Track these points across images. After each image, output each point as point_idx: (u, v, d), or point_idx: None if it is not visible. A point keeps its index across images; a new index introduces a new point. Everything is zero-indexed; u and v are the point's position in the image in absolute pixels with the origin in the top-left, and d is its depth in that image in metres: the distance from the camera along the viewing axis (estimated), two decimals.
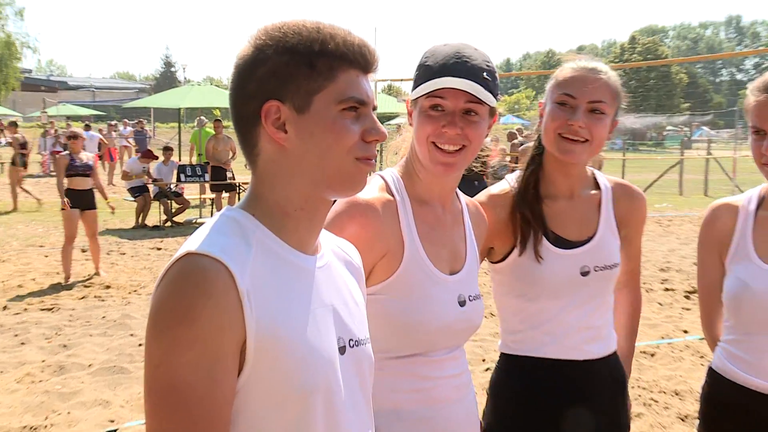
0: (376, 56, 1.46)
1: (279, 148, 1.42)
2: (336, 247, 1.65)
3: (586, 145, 2.26)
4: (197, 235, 1.37)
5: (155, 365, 1.27)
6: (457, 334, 2.04)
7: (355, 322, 1.55)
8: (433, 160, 1.96)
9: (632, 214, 2.49)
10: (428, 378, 1.99)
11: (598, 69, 2.31)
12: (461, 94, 1.91)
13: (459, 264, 2.08)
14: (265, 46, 1.40)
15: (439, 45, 2.03)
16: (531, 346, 2.38)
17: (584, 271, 2.35)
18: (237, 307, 1.28)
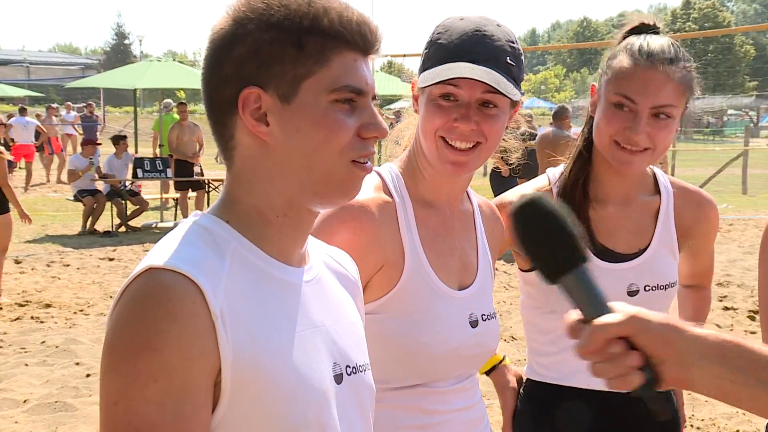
0: (378, 35, 1.46)
1: (260, 142, 1.41)
2: (327, 257, 1.65)
3: (647, 154, 2.27)
4: (160, 246, 1.36)
5: (113, 402, 1.26)
6: (467, 361, 2.05)
7: (352, 345, 1.55)
8: (442, 157, 1.96)
9: (699, 226, 2.50)
10: (434, 412, 2.01)
11: (665, 57, 2.26)
12: (478, 84, 1.91)
13: (470, 277, 2.09)
14: (245, 19, 1.39)
15: (455, 18, 2.02)
16: (562, 373, 2.40)
17: (632, 290, 2.36)
18: (209, 330, 1.27)
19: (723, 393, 1.37)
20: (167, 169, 16.11)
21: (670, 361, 1.35)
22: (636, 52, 2.28)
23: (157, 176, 16.17)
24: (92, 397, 6.43)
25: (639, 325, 1.36)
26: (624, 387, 1.36)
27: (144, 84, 20.74)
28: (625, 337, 1.35)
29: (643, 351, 1.35)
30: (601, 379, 2.32)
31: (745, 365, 1.34)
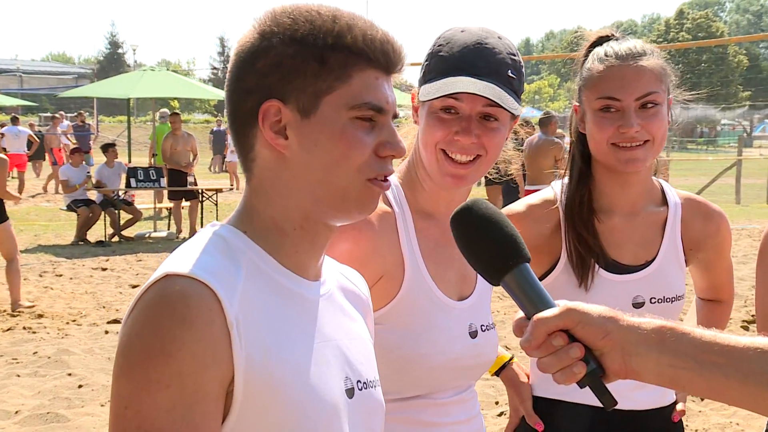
0: (401, 54, 1.47)
1: (278, 155, 1.42)
2: (340, 275, 1.65)
3: (648, 147, 2.29)
4: (178, 254, 1.37)
5: (123, 407, 1.26)
6: (466, 372, 2.05)
7: (362, 361, 1.55)
8: (442, 170, 1.96)
9: (709, 239, 2.50)
10: (434, 425, 2.00)
11: (634, 53, 2.31)
12: (480, 97, 1.91)
13: (469, 288, 2.09)
14: (270, 33, 1.41)
15: (456, 30, 2.02)
16: (566, 388, 2.38)
17: (637, 302, 2.36)
18: (224, 339, 1.28)
19: (666, 379, 1.39)
20: (161, 179, 16.13)
21: (611, 352, 1.38)
22: (604, 56, 2.32)
23: (150, 186, 16.19)
24: (84, 408, 6.42)
25: (578, 317, 1.38)
26: (569, 380, 1.38)
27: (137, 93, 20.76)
28: (566, 330, 1.38)
29: (584, 343, 1.38)
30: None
31: (683, 349, 1.37)
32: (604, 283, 2.35)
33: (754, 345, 1.35)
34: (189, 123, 51.68)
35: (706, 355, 1.35)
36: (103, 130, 45.40)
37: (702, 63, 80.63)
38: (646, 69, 2.29)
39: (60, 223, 16.51)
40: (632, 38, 2.41)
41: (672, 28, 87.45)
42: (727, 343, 1.35)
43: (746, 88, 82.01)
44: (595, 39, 2.44)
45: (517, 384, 2.47)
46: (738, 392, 1.35)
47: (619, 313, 1.41)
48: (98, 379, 7.09)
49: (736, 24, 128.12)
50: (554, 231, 2.40)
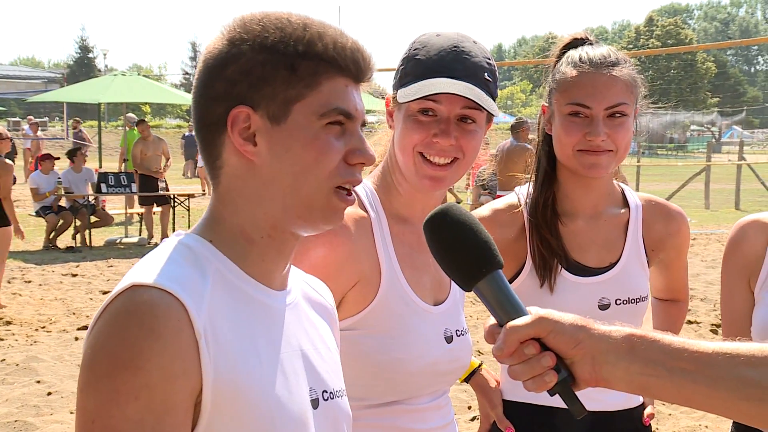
0: (371, 63, 1.47)
1: (246, 162, 1.42)
2: (305, 284, 1.65)
3: (612, 155, 2.31)
4: (143, 263, 1.35)
5: (90, 420, 1.24)
6: (442, 377, 2.06)
7: (328, 370, 1.55)
8: (420, 173, 1.96)
9: (669, 239, 2.53)
10: (411, 431, 2.01)
11: (608, 62, 2.32)
12: (458, 99, 1.92)
13: (444, 293, 2.09)
14: (239, 40, 1.41)
15: (431, 35, 2.03)
16: (536, 393, 2.40)
17: (603, 304, 2.38)
18: (192, 349, 1.27)
19: (637, 386, 1.40)
20: (132, 184, 16.03)
21: (582, 361, 1.39)
22: (578, 62, 2.34)
23: (121, 191, 16.10)
24: (53, 416, 6.37)
25: (549, 326, 1.40)
26: (540, 388, 1.40)
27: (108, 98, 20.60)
28: (537, 339, 1.39)
29: (555, 351, 1.39)
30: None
31: (653, 356, 1.38)
32: (570, 285, 2.36)
33: (722, 350, 1.36)
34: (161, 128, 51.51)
35: (675, 362, 1.36)
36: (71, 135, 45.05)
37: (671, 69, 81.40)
38: (618, 79, 2.30)
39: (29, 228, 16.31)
40: (605, 45, 2.42)
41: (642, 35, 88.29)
42: (696, 349, 1.36)
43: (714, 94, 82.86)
44: (569, 41, 2.46)
45: (487, 390, 2.48)
46: (707, 397, 1.36)
47: (590, 322, 1.43)
48: (68, 386, 7.03)
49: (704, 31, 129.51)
50: (519, 235, 2.41)
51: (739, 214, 17.13)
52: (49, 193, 15.24)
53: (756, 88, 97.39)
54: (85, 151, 19.00)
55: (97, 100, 20.73)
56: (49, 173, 15.63)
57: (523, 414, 2.41)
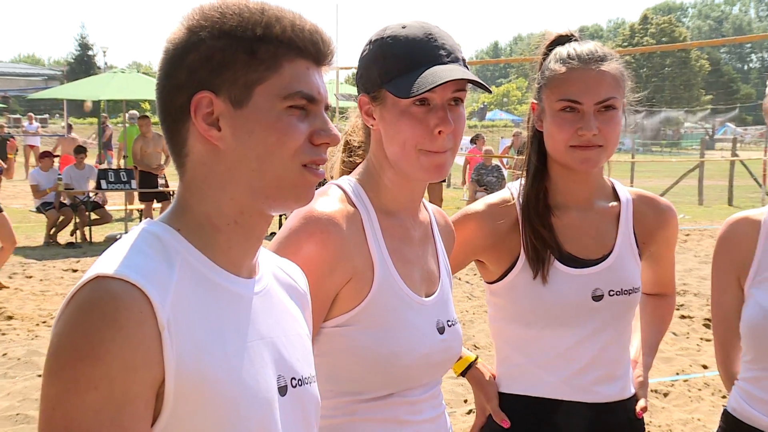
0: (330, 46, 1.47)
1: (211, 148, 1.41)
2: (277, 268, 1.64)
3: (602, 150, 2.31)
4: (110, 254, 1.34)
5: (51, 408, 1.24)
6: (435, 367, 2.06)
7: (299, 358, 1.54)
8: (424, 166, 1.94)
9: (659, 231, 2.53)
10: (406, 423, 2.00)
11: (596, 57, 2.33)
12: (449, 84, 1.89)
13: (433, 285, 2.09)
14: (198, 27, 1.40)
15: (396, 28, 1.97)
16: (531, 384, 2.42)
17: (596, 295, 2.38)
18: (154, 341, 1.26)
19: None
20: (132, 181, 15.99)
21: None
22: (567, 58, 2.34)
23: (121, 188, 16.05)
24: None
25: None
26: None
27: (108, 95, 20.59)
28: None
29: None
30: (571, 388, 2.34)
31: None
32: (564, 277, 2.37)
33: None
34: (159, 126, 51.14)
35: None
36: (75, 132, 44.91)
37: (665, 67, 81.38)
38: (607, 74, 2.31)
39: (30, 224, 16.34)
40: (592, 41, 2.43)
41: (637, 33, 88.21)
42: None
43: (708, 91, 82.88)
44: (555, 38, 2.46)
45: (482, 383, 2.49)
46: None
47: None
48: None
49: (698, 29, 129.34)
50: (512, 228, 2.41)
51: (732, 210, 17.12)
52: (49, 189, 15.22)
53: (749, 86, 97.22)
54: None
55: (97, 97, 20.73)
56: (48, 170, 15.60)
57: (519, 406, 2.42)
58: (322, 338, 1.94)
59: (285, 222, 1.95)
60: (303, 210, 1.91)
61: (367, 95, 2.00)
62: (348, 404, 1.97)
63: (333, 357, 1.94)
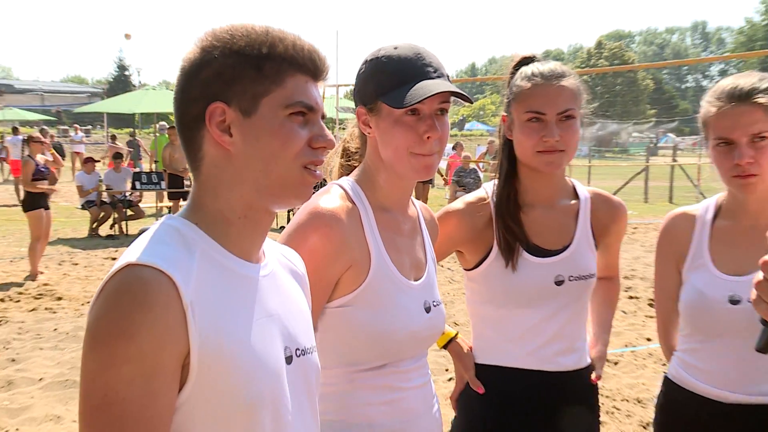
0: (326, 63, 1.46)
1: (223, 152, 1.40)
2: (280, 255, 1.64)
3: (565, 153, 2.32)
4: (137, 245, 1.34)
5: (91, 379, 1.24)
6: (423, 341, 2.05)
7: (301, 331, 1.54)
8: (415, 167, 1.95)
9: (612, 225, 2.54)
10: (398, 389, 2.00)
11: (556, 74, 2.33)
12: (436, 96, 1.89)
13: (421, 271, 2.09)
14: (211, 47, 1.39)
15: (389, 49, 1.97)
16: (502, 355, 2.42)
17: (559, 281, 2.38)
18: (180, 320, 1.26)
19: None
20: (161, 182, 15.96)
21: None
22: (531, 75, 2.34)
23: (152, 188, 16.03)
24: None
25: None
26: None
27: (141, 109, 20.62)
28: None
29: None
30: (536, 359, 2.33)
31: None
32: (530, 265, 2.37)
33: None
34: None
35: None
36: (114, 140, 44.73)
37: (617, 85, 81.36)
38: (566, 88, 2.31)
39: (76, 219, 16.29)
40: (552, 60, 2.43)
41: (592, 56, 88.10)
42: None
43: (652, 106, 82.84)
44: (521, 59, 2.46)
45: (461, 355, 2.49)
46: None
47: None
48: None
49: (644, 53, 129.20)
50: (487, 223, 2.42)
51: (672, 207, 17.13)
52: (91, 189, 15.21)
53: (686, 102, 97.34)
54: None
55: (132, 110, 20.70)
56: (91, 173, 15.58)
57: (492, 374, 2.42)
58: (325, 317, 1.94)
59: (293, 217, 1.95)
60: (309, 206, 1.91)
61: (365, 107, 2.00)
62: (348, 373, 1.97)
63: (335, 333, 1.94)
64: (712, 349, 2.36)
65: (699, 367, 2.40)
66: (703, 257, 2.42)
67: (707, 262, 2.40)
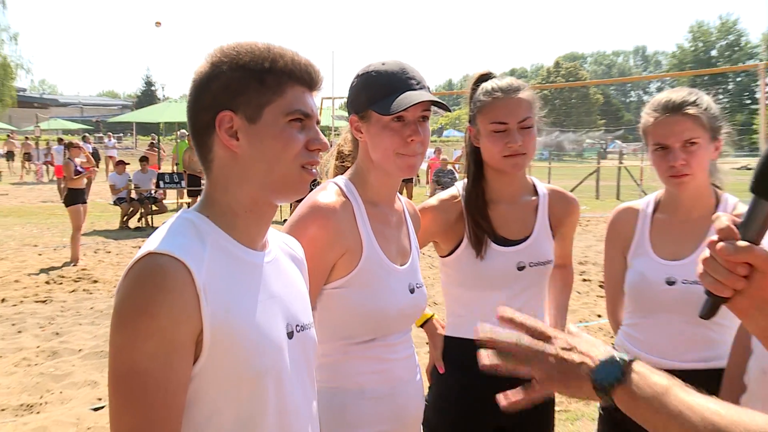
0: (320, 75, 1.45)
1: (231, 154, 1.38)
2: (282, 243, 1.62)
3: (526, 156, 2.32)
4: (156, 235, 1.32)
5: (118, 351, 1.24)
6: (408, 318, 2.05)
7: (301, 309, 1.52)
8: (401, 166, 1.94)
9: (567, 217, 2.53)
10: (386, 360, 1.99)
11: (513, 88, 2.32)
12: (419, 104, 1.89)
13: (406, 257, 2.08)
14: (220, 62, 1.37)
15: (377, 65, 1.96)
16: (469, 331, 2.39)
17: (520, 266, 2.37)
18: (194, 301, 1.25)
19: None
20: (182, 181, 15.93)
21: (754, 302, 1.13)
22: (492, 91, 2.33)
23: (174, 186, 16.01)
24: None
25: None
26: (712, 288, 1.15)
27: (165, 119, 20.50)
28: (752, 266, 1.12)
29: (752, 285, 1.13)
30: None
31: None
32: (496, 253, 2.37)
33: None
34: None
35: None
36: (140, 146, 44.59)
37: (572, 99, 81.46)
38: (523, 100, 2.32)
39: (109, 214, 16.21)
40: (508, 76, 2.42)
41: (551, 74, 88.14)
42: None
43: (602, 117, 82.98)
44: (479, 76, 2.45)
45: (434, 335, 2.48)
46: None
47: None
48: None
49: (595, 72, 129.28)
50: (458, 218, 2.41)
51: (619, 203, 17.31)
52: (122, 188, 15.17)
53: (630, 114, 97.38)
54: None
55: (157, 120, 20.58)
56: (122, 174, 15.57)
57: (463, 346, 2.42)
58: (323, 297, 1.93)
59: (295, 210, 1.94)
60: (309, 201, 1.90)
61: (357, 115, 1.99)
62: (342, 346, 1.96)
63: (331, 311, 1.93)
64: (650, 323, 2.36)
65: (640, 339, 2.40)
66: (645, 245, 2.42)
67: (648, 250, 2.41)
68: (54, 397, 5.33)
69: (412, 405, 2.06)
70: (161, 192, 16.05)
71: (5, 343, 6.64)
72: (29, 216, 16.87)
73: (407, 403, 2.04)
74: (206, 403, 1.30)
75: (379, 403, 1.97)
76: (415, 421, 2.09)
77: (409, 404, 2.05)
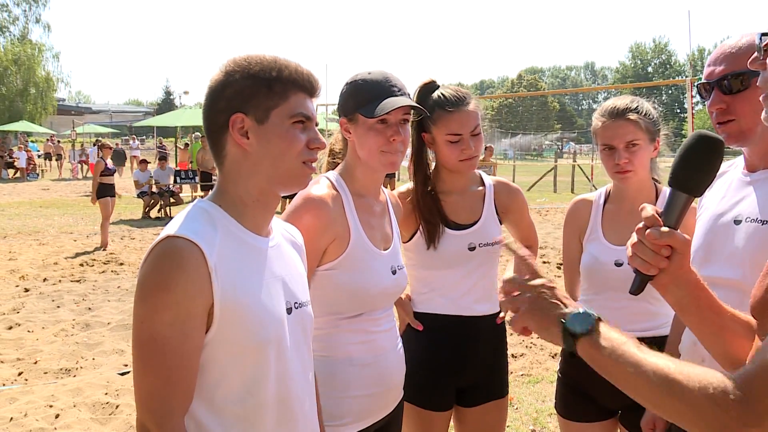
0: (319, 83, 1.45)
1: (242, 151, 1.37)
2: (284, 230, 1.61)
3: (477, 157, 2.33)
4: (174, 221, 1.33)
5: (140, 321, 1.24)
6: (390, 297, 2.04)
7: (299, 289, 1.52)
8: (384, 162, 1.94)
9: (511, 203, 2.50)
10: (372, 332, 1.98)
11: (462, 100, 2.29)
12: (401, 109, 1.88)
13: (388, 243, 2.07)
14: (233, 72, 1.37)
15: (364, 74, 1.95)
16: (432, 305, 2.39)
17: (471, 247, 2.36)
18: (206, 278, 1.25)
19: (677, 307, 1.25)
20: (195, 177, 15.90)
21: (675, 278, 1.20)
22: (443, 103, 2.30)
23: (189, 182, 15.97)
24: None
25: (686, 251, 1.18)
26: (641, 268, 1.19)
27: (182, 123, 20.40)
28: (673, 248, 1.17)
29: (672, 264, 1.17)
30: (457, 307, 2.30)
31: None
32: (449, 237, 2.35)
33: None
34: None
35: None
36: None
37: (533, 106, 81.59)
38: (471, 111, 2.30)
39: (133, 205, 16.07)
40: (452, 85, 2.39)
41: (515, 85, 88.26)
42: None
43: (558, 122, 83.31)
44: (424, 85, 2.38)
45: (403, 304, 2.44)
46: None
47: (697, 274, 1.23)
48: None
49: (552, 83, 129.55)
50: (414, 208, 2.38)
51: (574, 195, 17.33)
52: (144, 183, 15.07)
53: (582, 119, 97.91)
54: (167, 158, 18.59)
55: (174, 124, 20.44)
56: (144, 171, 15.46)
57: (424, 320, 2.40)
58: (316, 278, 1.92)
59: (292, 201, 1.93)
60: (303, 193, 1.88)
61: (346, 117, 1.98)
62: (333, 320, 1.95)
63: (323, 290, 1.92)
64: (602, 300, 2.36)
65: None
66: (597, 232, 2.42)
67: (600, 236, 2.41)
68: (87, 363, 5.33)
69: (394, 371, 2.05)
70: (178, 186, 15.93)
71: (46, 317, 6.62)
72: (66, 207, 16.74)
73: (390, 369, 2.03)
74: (216, 368, 1.30)
75: (365, 370, 1.96)
76: (397, 384, 2.08)
77: (392, 370, 2.04)
